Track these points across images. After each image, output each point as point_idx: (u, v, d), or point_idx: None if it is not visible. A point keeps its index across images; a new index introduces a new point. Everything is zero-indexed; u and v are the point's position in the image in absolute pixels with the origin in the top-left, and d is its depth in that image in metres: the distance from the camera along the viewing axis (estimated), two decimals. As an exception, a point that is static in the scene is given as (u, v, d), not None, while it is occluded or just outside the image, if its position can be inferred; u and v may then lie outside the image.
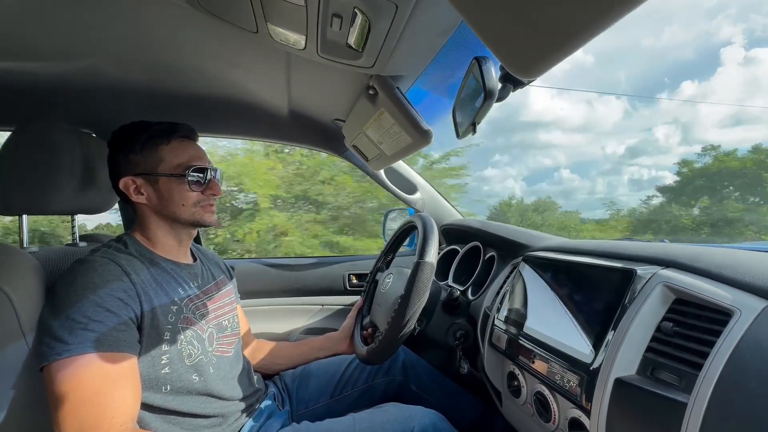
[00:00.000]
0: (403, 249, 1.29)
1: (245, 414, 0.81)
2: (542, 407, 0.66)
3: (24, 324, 0.62)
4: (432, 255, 0.78)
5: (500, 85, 0.57)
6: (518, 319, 0.76)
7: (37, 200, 0.77)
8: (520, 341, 0.73)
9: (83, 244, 0.88)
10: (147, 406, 0.68)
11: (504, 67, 0.56)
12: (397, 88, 0.78)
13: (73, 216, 0.92)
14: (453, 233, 1.42)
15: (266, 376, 1.00)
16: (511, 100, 0.60)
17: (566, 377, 0.60)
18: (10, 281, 0.62)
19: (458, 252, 1.26)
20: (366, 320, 1.07)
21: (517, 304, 0.79)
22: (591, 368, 0.55)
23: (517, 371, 0.74)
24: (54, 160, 0.77)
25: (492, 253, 1.08)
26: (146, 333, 0.68)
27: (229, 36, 0.74)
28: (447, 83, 0.85)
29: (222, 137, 1.31)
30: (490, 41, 0.38)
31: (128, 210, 1.24)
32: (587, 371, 0.56)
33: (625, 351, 0.52)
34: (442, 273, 1.26)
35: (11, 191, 0.77)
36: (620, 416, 0.50)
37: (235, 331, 0.87)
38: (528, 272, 0.81)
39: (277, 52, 0.78)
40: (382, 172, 1.43)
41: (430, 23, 0.59)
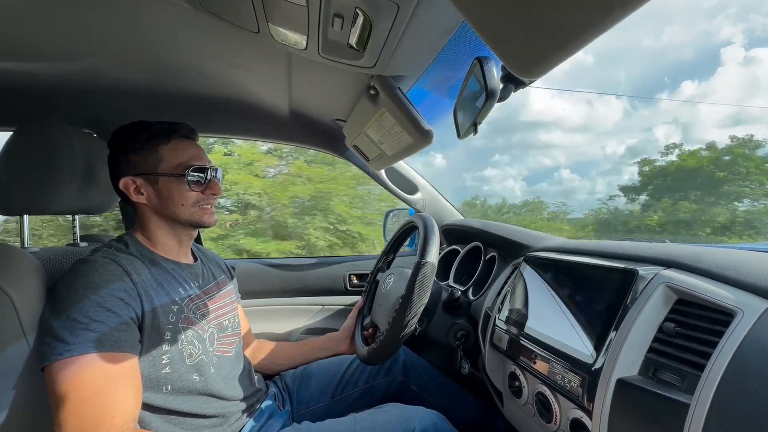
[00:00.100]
0: (404, 249, 1.29)
1: (246, 414, 0.81)
2: (543, 408, 0.66)
3: (25, 324, 0.62)
4: (433, 255, 0.78)
5: (502, 86, 0.57)
6: (519, 320, 0.76)
7: (38, 200, 0.77)
8: (522, 341, 0.73)
9: (84, 244, 0.88)
10: (148, 406, 0.68)
11: (505, 67, 0.56)
12: (399, 89, 0.78)
13: (74, 216, 0.92)
14: (454, 233, 1.42)
15: (267, 376, 1.00)
16: (511, 101, 0.60)
17: (568, 378, 0.60)
18: (11, 281, 0.62)
19: (459, 252, 1.25)
20: (367, 320, 1.07)
21: (518, 305, 0.79)
22: (593, 369, 0.55)
23: (519, 372, 0.74)
24: (54, 160, 0.77)
25: (493, 254, 1.08)
26: (147, 333, 0.68)
27: (230, 36, 0.74)
28: (448, 83, 0.85)
29: (222, 137, 1.31)
30: (492, 41, 0.38)
31: (129, 210, 1.24)
32: (589, 372, 0.56)
33: (627, 351, 0.52)
34: (443, 273, 1.26)
35: (12, 191, 0.77)
36: (622, 417, 0.50)
37: (236, 331, 0.87)
38: (529, 272, 0.81)
39: (278, 52, 0.78)
40: (383, 172, 1.43)
41: (432, 23, 0.59)
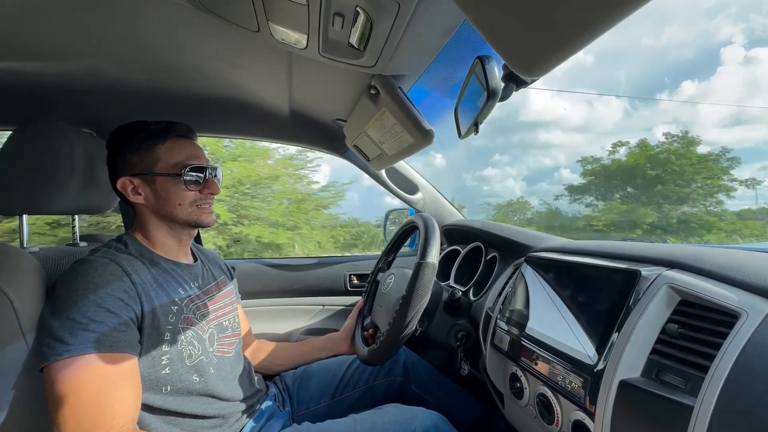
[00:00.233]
0: (404, 249, 1.28)
1: (246, 415, 0.81)
2: (545, 409, 0.65)
3: (24, 324, 0.61)
4: (433, 256, 0.78)
5: (503, 85, 0.57)
6: (520, 320, 0.76)
7: (37, 200, 0.77)
8: (523, 342, 0.72)
9: (84, 244, 0.88)
10: (147, 407, 0.67)
11: (507, 67, 0.56)
12: (399, 88, 0.78)
13: (74, 216, 0.91)
14: (455, 233, 1.41)
15: (267, 377, 0.99)
16: (511, 100, 0.60)
17: (569, 379, 0.59)
18: (10, 281, 0.62)
19: (460, 252, 1.25)
20: (367, 321, 1.07)
21: (520, 305, 0.79)
22: (595, 370, 0.55)
23: (520, 373, 0.73)
24: (54, 160, 0.77)
25: (494, 254, 1.08)
26: (147, 333, 0.67)
27: (230, 35, 0.74)
28: (449, 83, 0.85)
29: (222, 137, 1.31)
30: (494, 40, 0.37)
31: (128, 210, 1.24)
32: (591, 373, 0.55)
33: (630, 353, 0.51)
34: (444, 273, 1.26)
35: (11, 191, 0.77)
36: (625, 419, 0.49)
37: (236, 332, 0.87)
38: (530, 273, 0.81)
39: (279, 52, 0.78)
40: (383, 172, 1.43)
41: (433, 22, 0.59)
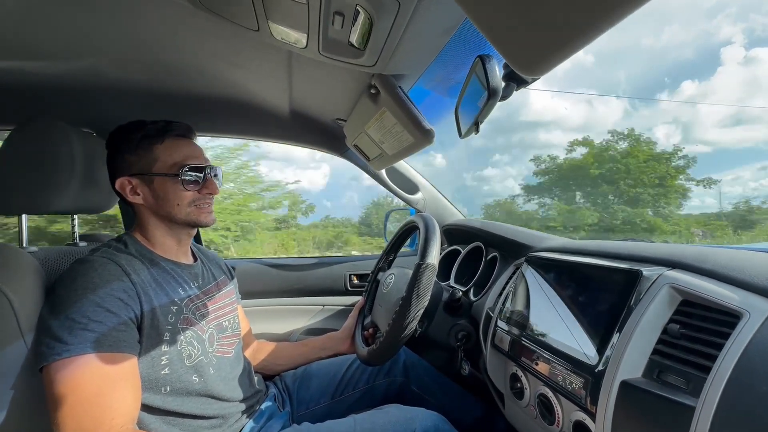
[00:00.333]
0: (405, 249, 1.28)
1: (245, 415, 0.80)
2: (546, 410, 0.65)
3: (23, 324, 0.61)
4: (434, 256, 0.78)
5: (504, 84, 0.56)
6: (521, 320, 0.75)
7: (37, 200, 0.77)
8: (523, 342, 0.72)
9: (83, 244, 0.88)
10: (146, 407, 0.67)
11: (507, 66, 0.55)
12: (399, 87, 0.77)
13: (73, 216, 0.91)
14: (455, 233, 1.41)
15: (267, 377, 0.99)
16: (511, 100, 0.59)
17: (570, 379, 0.59)
18: (10, 281, 0.62)
19: (460, 252, 1.25)
20: (367, 320, 1.07)
21: (520, 305, 0.79)
22: (596, 370, 0.54)
23: (520, 373, 0.73)
24: (53, 160, 0.77)
25: (494, 254, 1.07)
26: (146, 333, 0.67)
27: (230, 34, 0.74)
28: (450, 82, 0.85)
29: (222, 137, 1.30)
30: (495, 38, 0.37)
31: (128, 210, 1.23)
32: (592, 373, 0.55)
33: (631, 353, 0.51)
34: (444, 273, 1.26)
35: (10, 190, 0.77)
36: (626, 419, 0.49)
37: (236, 332, 0.87)
38: (531, 273, 0.80)
39: (278, 51, 0.78)
40: (384, 172, 1.42)
41: (433, 21, 0.59)
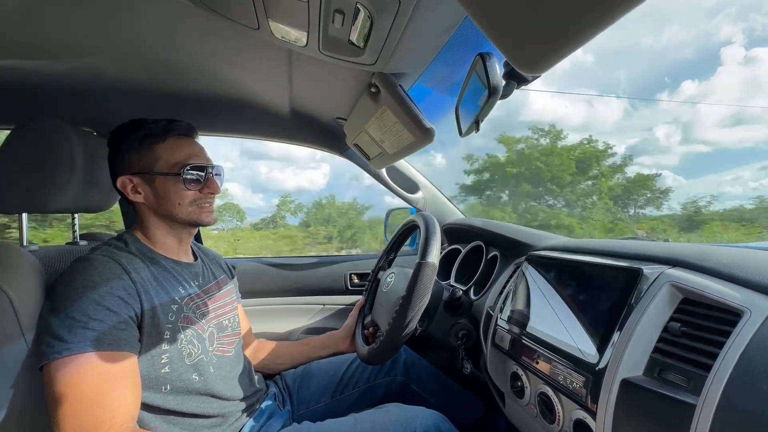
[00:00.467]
0: (405, 248, 1.28)
1: (246, 414, 0.80)
2: (546, 408, 0.65)
3: (23, 323, 0.61)
4: (434, 255, 0.78)
5: (504, 82, 0.56)
6: (521, 319, 0.75)
7: (37, 199, 0.77)
8: (524, 341, 0.72)
9: (84, 243, 0.88)
10: (147, 406, 0.67)
11: (508, 64, 0.55)
12: (400, 86, 0.77)
13: (74, 215, 0.91)
14: (455, 232, 1.41)
15: (267, 376, 0.99)
16: (511, 100, 0.59)
17: (571, 378, 0.59)
18: (10, 280, 0.62)
19: (461, 251, 1.25)
20: (368, 319, 1.07)
21: (521, 304, 0.79)
22: (596, 369, 0.54)
23: (521, 372, 0.73)
24: (54, 159, 0.77)
25: (495, 253, 1.07)
26: (146, 332, 0.67)
27: (230, 33, 0.74)
28: (450, 80, 0.85)
29: (222, 136, 1.30)
30: (495, 36, 0.37)
31: (129, 208, 1.23)
32: (593, 372, 0.55)
33: (632, 351, 0.51)
34: (445, 272, 1.26)
35: (11, 190, 0.77)
36: (627, 418, 0.49)
37: (236, 331, 0.87)
38: (531, 272, 0.80)
39: (279, 50, 0.78)
40: (384, 171, 1.42)
41: (434, 19, 0.59)
